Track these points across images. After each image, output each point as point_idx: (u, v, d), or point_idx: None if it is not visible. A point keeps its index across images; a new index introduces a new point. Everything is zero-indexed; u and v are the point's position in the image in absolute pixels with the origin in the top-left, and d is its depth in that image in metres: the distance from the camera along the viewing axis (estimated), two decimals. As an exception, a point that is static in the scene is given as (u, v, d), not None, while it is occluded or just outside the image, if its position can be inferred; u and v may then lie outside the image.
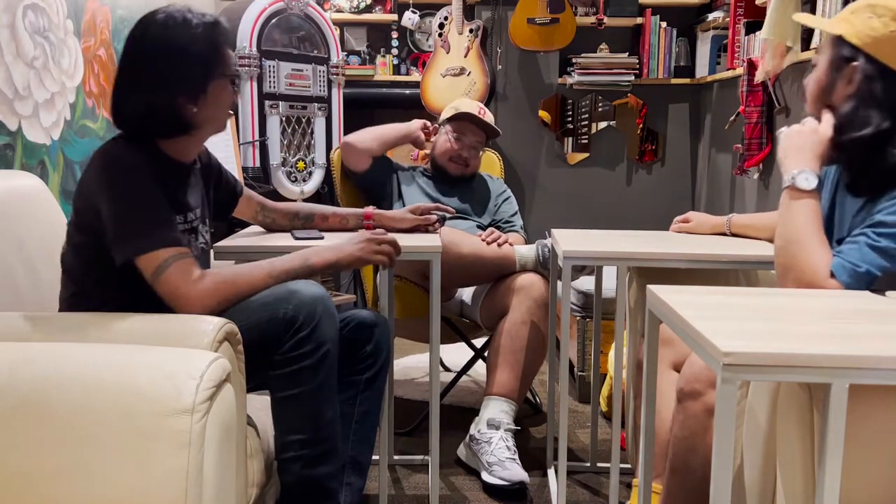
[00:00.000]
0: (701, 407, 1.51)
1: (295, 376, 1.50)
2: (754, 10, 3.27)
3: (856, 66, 1.43)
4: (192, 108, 1.52)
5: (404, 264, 2.49)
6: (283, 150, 3.35)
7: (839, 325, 1.12)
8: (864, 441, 1.06)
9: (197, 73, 1.52)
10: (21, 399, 1.08)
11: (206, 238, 1.71)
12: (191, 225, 1.61)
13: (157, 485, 1.05)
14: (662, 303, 1.23)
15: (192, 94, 1.52)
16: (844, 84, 1.45)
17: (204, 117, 1.55)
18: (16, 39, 2.00)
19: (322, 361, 1.51)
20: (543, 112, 4.09)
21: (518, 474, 2.13)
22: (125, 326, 1.34)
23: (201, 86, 1.53)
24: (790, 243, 1.41)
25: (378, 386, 1.77)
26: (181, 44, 1.50)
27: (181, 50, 1.50)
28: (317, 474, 1.55)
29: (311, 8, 3.40)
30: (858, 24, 1.44)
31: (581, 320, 2.85)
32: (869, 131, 1.40)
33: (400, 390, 2.95)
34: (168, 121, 1.53)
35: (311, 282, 1.56)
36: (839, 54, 1.46)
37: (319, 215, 2.06)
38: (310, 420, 1.54)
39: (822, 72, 1.49)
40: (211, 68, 1.54)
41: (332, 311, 1.53)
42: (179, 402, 1.07)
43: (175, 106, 1.51)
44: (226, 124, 1.65)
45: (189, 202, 1.62)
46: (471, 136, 2.72)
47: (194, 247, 1.62)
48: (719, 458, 1.01)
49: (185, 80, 1.51)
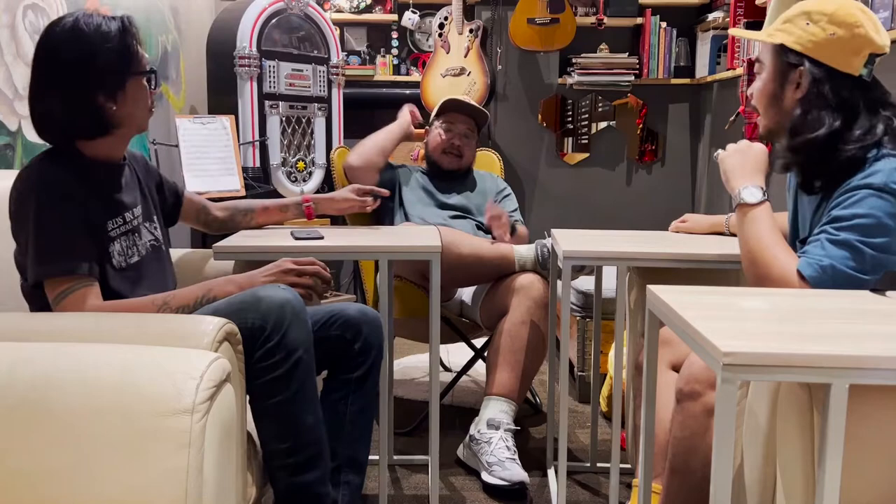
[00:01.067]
0: (700, 407, 1.51)
1: (269, 386, 1.49)
2: (754, 10, 3.27)
3: (803, 71, 1.49)
4: (112, 106, 1.54)
5: (404, 264, 2.49)
6: (283, 151, 3.35)
7: (839, 325, 1.12)
8: (864, 441, 1.06)
9: (114, 71, 1.53)
10: (21, 399, 1.08)
11: (155, 235, 1.70)
12: (131, 225, 1.62)
13: (157, 485, 1.05)
14: (662, 303, 1.23)
15: (111, 93, 1.53)
16: (793, 89, 1.52)
17: (124, 115, 1.56)
18: (16, 39, 2.00)
19: (295, 369, 1.49)
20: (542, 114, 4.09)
21: (518, 474, 2.13)
22: (125, 326, 1.34)
23: (119, 83, 1.54)
24: (754, 258, 1.47)
25: (370, 385, 1.75)
26: (96, 43, 1.51)
27: (97, 49, 1.51)
28: (304, 481, 1.55)
29: (311, 8, 3.40)
30: (797, 31, 1.50)
31: (581, 320, 2.86)
32: (823, 131, 1.46)
33: (400, 390, 2.95)
34: (89, 121, 1.54)
35: (276, 286, 1.55)
36: (783, 62, 1.52)
37: (260, 208, 2.07)
38: (290, 428, 1.53)
39: (769, 81, 1.55)
40: (127, 66, 1.55)
41: (301, 314, 1.51)
42: (179, 402, 1.07)
43: (95, 105, 1.53)
44: (147, 123, 1.66)
45: (125, 201, 1.62)
46: (460, 125, 2.76)
47: (140, 245, 1.62)
48: (719, 458, 1.01)
49: (103, 78, 1.52)
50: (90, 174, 1.55)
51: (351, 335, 1.73)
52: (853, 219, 1.40)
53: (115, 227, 1.57)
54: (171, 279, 1.74)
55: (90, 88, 1.51)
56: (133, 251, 1.61)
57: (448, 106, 2.79)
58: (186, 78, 3.37)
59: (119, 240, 1.57)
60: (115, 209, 1.59)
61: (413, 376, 3.19)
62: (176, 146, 2.94)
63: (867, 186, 1.40)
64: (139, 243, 1.63)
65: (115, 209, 1.58)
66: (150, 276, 1.65)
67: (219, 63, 3.26)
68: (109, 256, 1.55)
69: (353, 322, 1.73)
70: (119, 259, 1.57)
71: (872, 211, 1.39)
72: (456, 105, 2.79)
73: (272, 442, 1.54)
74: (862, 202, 1.40)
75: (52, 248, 1.46)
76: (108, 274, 1.54)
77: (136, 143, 2.80)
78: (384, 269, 1.88)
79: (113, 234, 1.56)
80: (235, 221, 2.03)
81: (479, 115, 2.80)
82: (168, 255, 1.76)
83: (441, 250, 1.90)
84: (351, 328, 1.73)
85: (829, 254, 1.39)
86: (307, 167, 3.45)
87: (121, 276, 1.56)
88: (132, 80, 1.56)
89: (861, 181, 1.41)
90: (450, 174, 2.77)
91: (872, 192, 1.40)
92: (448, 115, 2.77)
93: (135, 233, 1.62)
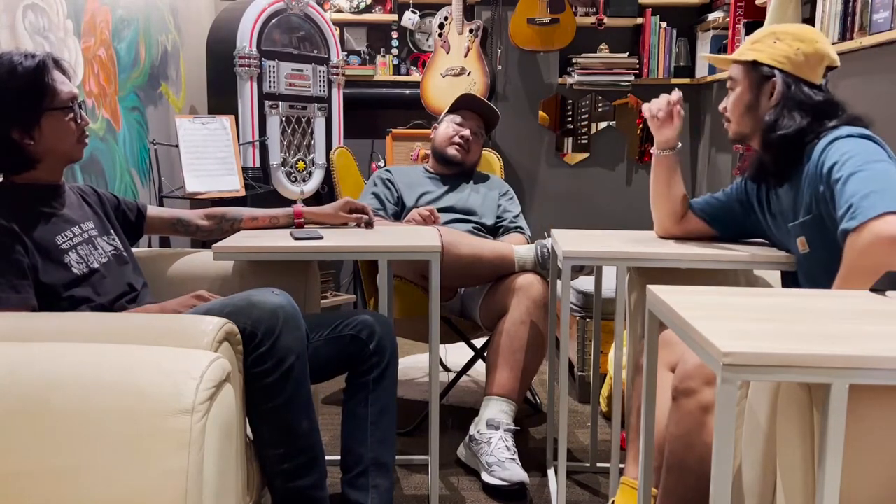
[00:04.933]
0: (695, 404, 1.52)
1: (262, 392, 1.49)
2: (754, 10, 3.27)
3: (775, 81, 1.73)
4: (29, 142, 1.57)
5: (404, 264, 2.49)
6: (283, 151, 3.35)
7: (839, 325, 1.12)
8: (864, 441, 1.06)
9: (24, 107, 1.56)
10: (21, 399, 1.08)
11: (114, 245, 1.74)
12: (83, 237, 1.65)
13: (157, 485, 1.05)
14: (662, 303, 1.23)
15: (26, 128, 1.56)
16: (767, 98, 1.75)
17: (44, 149, 1.60)
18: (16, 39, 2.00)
19: (287, 375, 1.49)
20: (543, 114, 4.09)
21: (518, 474, 2.13)
22: (125, 326, 1.34)
23: (33, 119, 1.57)
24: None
25: (387, 384, 1.76)
26: (3, 81, 1.54)
27: (3, 87, 1.54)
28: (300, 486, 1.55)
29: (311, 8, 3.40)
30: (767, 49, 1.74)
31: (581, 320, 2.85)
32: (793, 128, 1.69)
33: (400, 390, 2.94)
34: (9, 157, 1.58)
35: (270, 290, 1.56)
36: (758, 75, 1.75)
37: (248, 217, 2.07)
38: (285, 434, 1.53)
39: (744, 93, 1.78)
40: (39, 101, 1.57)
41: (294, 319, 1.52)
42: (179, 402, 1.07)
43: (11, 141, 1.56)
44: (81, 153, 1.68)
45: (72, 217, 1.66)
46: (472, 122, 2.80)
47: (97, 254, 1.66)
48: (719, 458, 1.01)
49: (14, 115, 1.55)
50: (29, 202, 1.59)
51: (366, 335, 1.75)
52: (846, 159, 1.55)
53: (66, 239, 1.61)
54: (138, 281, 1.76)
55: (4, 125, 1.55)
56: (92, 258, 1.64)
57: (463, 102, 2.82)
58: (186, 78, 3.37)
59: (74, 249, 1.61)
60: (62, 225, 1.62)
61: (413, 376, 3.19)
62: (176, 146, 2.94)
63: (833, 140, 1.61)
64: (96, 252, 1.66)
65: (61, 225, 1.62)
66: (113, 279, 1.68)
67: (219, 63, 3.26)
68: (67, 266, 1.58)
69: (367, 323, 1.76)
70: (79, 266, 1.60)
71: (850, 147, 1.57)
72: (470, 102, 2.82)
73: (267, 447, 1.54)
74: (836, 149, 1.59)
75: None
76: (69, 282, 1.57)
77: (137, 143, 2.80)
78: (384, 269, 1.88)
79: (65, 247, 1.60)
80: (222, 230, 2.04)
81: (491, 115, 2.85)
82: (133, 262, 1.79)
83: (441, 250, 1.90)
84: (366, 328, 1.75)
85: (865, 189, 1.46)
86: (307, 167, 3.45)
87: (85, 282, 1.60)
88: (48, 116, 1.58)
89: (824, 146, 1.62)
90: (451, 175, 2.77)
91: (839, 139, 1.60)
92: (461, 111, 2.81)
93: (89, 243, 1.66)
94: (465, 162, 2.78)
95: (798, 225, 1.69)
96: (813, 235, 1.65)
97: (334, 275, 3.95)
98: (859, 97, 2.63)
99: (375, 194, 2.67)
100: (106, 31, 2.53)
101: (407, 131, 3.58)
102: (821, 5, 2.74)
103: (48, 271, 1.55)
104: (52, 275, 1.55)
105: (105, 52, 2.52)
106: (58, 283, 1.55)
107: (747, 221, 1.92)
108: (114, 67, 2.59)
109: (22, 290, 1.49)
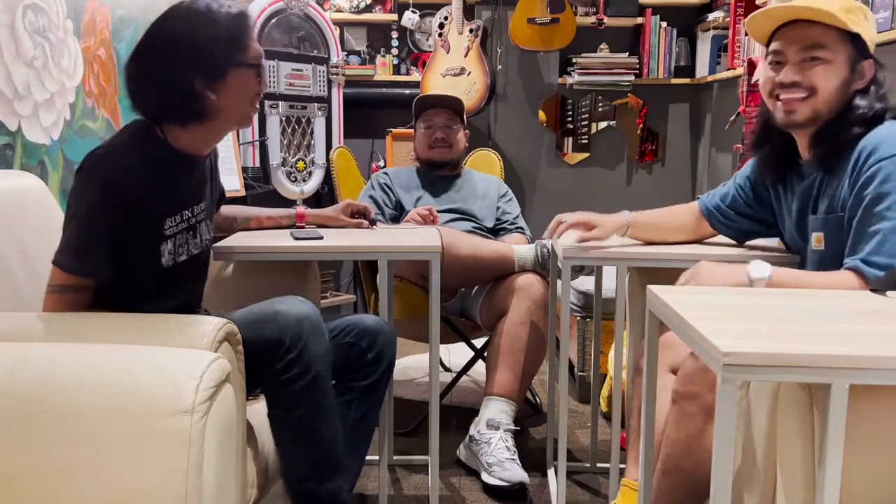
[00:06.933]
0: (697, 408, 1.51)
1: (289, 399, 1.49)
2: (754, 10, 3.26)
3: (869, 64, 1.56)
4: (210, 94, 1.49)
5: (403, 264, 2.49)
6: (283, 150, 3.35)
7: (839, 325, 1.12)
8: (864, 441, 1.06)
9: (215, 57, 1.49)
10: (21, 399, 1.08)
11: (208, 236, 1.67)
12: (189, 223, 1.58)
13: (157, 485, 1.04)
14: (662, 303, 1.23)
15: (210, 80, 1.49)
16: (858, 79, 1.56)
17: (222, 106, 1.52)
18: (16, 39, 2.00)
19: (314, 383, 1.49)
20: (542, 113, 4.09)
21: (518, 475, 2.13)
22: (125, 326, 1.34)
23: (220, 71, 1.50)
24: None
25: (376, 395, 1.75)
26: (200, 27, 1.48)
27: (200, 33, 1.48)
28: (325, 491, 1.55)
29: (311, 8, 3.40)
30: (861, 24, 1.53)
31: (581, 320, 2.85)
32: (865, 120, 1.53)
33: (400, 390, 2.95)
34: (184, 106, 1.49)
35: (296, 298, 1.55)
36: (856, 51, 1.55)
37: (255, 219, 2.05)
38: (310, 441, 1.53)
39: (842, 66, 1.55)
40: (230, 54, 1.50)
41: (319, 328, 1.51)
42: (179, 402, 1.07)
43: (193, 91, 1.48)
44: (250, 119, 1.62)
45: (193, 197, 1.60)
46: (438, 119, 2.75)
47: (192, 245, 1.59)
48: (719, 458, 1.01)
49: (203, 63, 1.48)
50: (165, 165, 1.52)
51: (366, 343, 1.72)
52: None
53: (173, 224, 1.54)
54: (204, 284, 1.72)
55: (191, 72, 1.47)
56: (183, 250, 1.57)
57: (422, 104, 2.80)
58: (186, 78, 3.36)
59: (174, 238, 1.54)
60: (179, 205, 1.55)
61: (413, 376, 3.19)
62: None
63: (884, 158, 1.46)
64: (192, 242, 1.59)
65: (177, 205, 1.54)
66: (190, 279, 1.63)
67: (219, 63, 3.26)
68: (158, 255, 1.51)
69: (370, 331, 1.73)
70: (167, 259, 1.53)
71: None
72: (428, 101, 2.80)
73: (291, 454, 1.54)
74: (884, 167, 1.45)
75: (77, 240, 1.43)
76: (150, 273, 1.51)
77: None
78: (384, 269, 1.87)
79: (169, 233, 1.52)
80: (231, 231, 2.03)
81: (454, 103, 2.78)
82: (210, 257, 1.72)
83: (440, 250, 1.89)
84: (367, 336, 1.73)
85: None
86: (307, 167, 3.45)
87: (167, 275, 1.53)
88: (236, 71, 1.51)
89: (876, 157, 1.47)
90: (447, 176, 2.77)
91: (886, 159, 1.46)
92: (425, 113, 2.78)
93: (191, 231, 1.59)
94: (453, 158, 2.77)
95: (820, 220, 1.60)
96: (832, 234, 1.58)
97: (334, 275, 3.95)
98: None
99: (373, 198, 2.67)
100: (106, 31, 2.53)
101: (407, 131, 3.58)
102: (821, 5, 2.73)
103: (137, 255, 1.48)
104: (138, 260, 1.49)
105: (105, 52, 2.52)
106: (139, 270, 1.49)
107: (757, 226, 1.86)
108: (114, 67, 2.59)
109: (94, 261, 1.43)
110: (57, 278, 1.44)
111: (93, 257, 1.43)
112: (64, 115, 2.23)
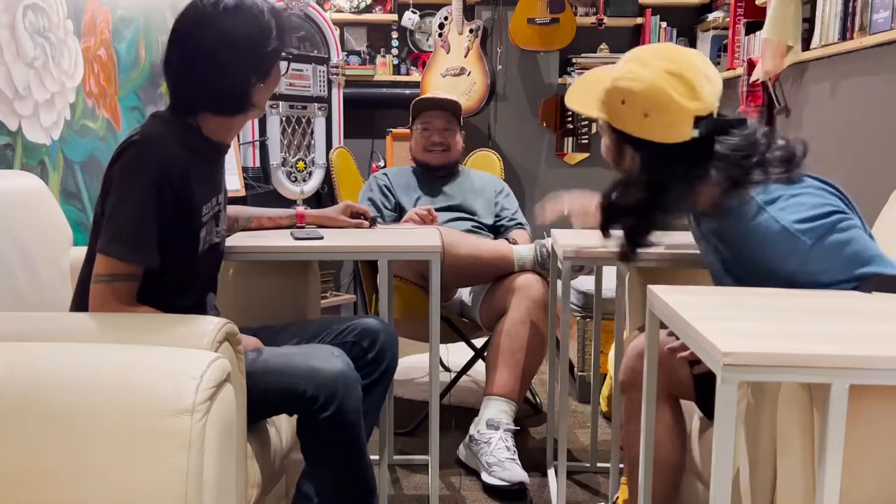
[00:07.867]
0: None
1: (324, 446, 1.53)
2: (754, 10, 3.27)
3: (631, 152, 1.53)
4: (261, 86, 1.54)
5: (403, 264, 2.49)
6: (283, 150, 3.35)
7: (839, 325, 1.12)
8: (864, 441, 1.06)
9: (268, 52, 1.53)
10: (21, 399, 1.08)
11: (225, 226, 1.69)
12: (213, 211, 1.59)
13: (157, 485, 1.04)
14: (662, 303, 1.23)
15: (262, 74, 1.54)
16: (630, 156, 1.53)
17: (263, 96, 1.57)
18: (16, 39, 2.00)
19: (349, 431, 1.52)
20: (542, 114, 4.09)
21: (518, 475, 2.13)
22: (125, 326, 1.34)
23: (269, 65, 1.55)
24: None
25: (376, 394, 1.75)
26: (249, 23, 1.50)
27: (250, 28, 1.50)
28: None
29: (311, 8, 3.41)
30: (616, 109, 1.52)
31: (581, 320, 2.85)
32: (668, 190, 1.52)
33: (400, 390, 2.95)
34: (236, 100, 1.53)
35: (329, 351, 1.56)
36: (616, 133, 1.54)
37: (256, 219, 2.06)
38: (345, 476, 1.57)
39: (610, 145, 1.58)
40: (279, 48, 1.55)
41: (354, 384, 1.53)
42: (179, 402, 1.07)
43: (249, 86, 1.52)
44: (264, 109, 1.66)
45: (218, 185, 1.62)
46: (436, 121, 2.75)
47: (214, 233, 1.60)
48: (719, 458, 1.01)
49: (257, 59, 1.52)
50: (201, 153, 1.54)
51: (367, 343, 1.74)
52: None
53: (207, 211, 1.55)
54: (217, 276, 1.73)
55: (244, 67, 1.51)
56: (210, 238, 1.59)
57: (420, 106, 2.79)
58: (186, 78, 3.36)
59: (206, 226, 1.56)
60: (209, 193, 1.56)
61: (413, 376, 3.19)
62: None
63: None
64: (215, 231, 1.61)
65: (209, 193, 1.56)
66: (212, 269, 1.65)
67: (219, 63, 3.25)
68: (197, 242, 1.52)
69: (372, 330, 1.74)
70: (203, 245, 1.55)
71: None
72: (426, 103, 2.80)
73: (326, 488, 1.59)
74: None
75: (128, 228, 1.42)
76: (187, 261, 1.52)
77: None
78: (384, 269, 1.87)
79: (205, 220, 1.55)
80: (233, 231, 2.03)
81: (452, 106, 2.78)
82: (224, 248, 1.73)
83: (440, 250, 1.89)
84: (368, 335, 1.74)
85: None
86: (307, 167, 3.45)
87: (197, 263, 1.55)
88: (277, 63, 1.57)
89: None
90: (444, 176, 2.77)
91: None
92: (423, 115, 2.77)
93: (215, 219, 1.60)
94: (450, 161, 2.76)
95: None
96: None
97: (334, 275, 3.95)
98: (859, 97, 2.63)
99: (372, 200, 2.67)
100: (106, 31, 2.53)
101: (407, 131, 3.57)
102: (821, 5, 2.74)
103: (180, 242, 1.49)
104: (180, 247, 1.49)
105: (105, 52, 2.52)
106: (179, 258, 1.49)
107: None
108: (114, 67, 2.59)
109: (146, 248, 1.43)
110: (106, 267, 1.42)
111: (145, 245, 1.43)
112: (64, 115, 2.23)
